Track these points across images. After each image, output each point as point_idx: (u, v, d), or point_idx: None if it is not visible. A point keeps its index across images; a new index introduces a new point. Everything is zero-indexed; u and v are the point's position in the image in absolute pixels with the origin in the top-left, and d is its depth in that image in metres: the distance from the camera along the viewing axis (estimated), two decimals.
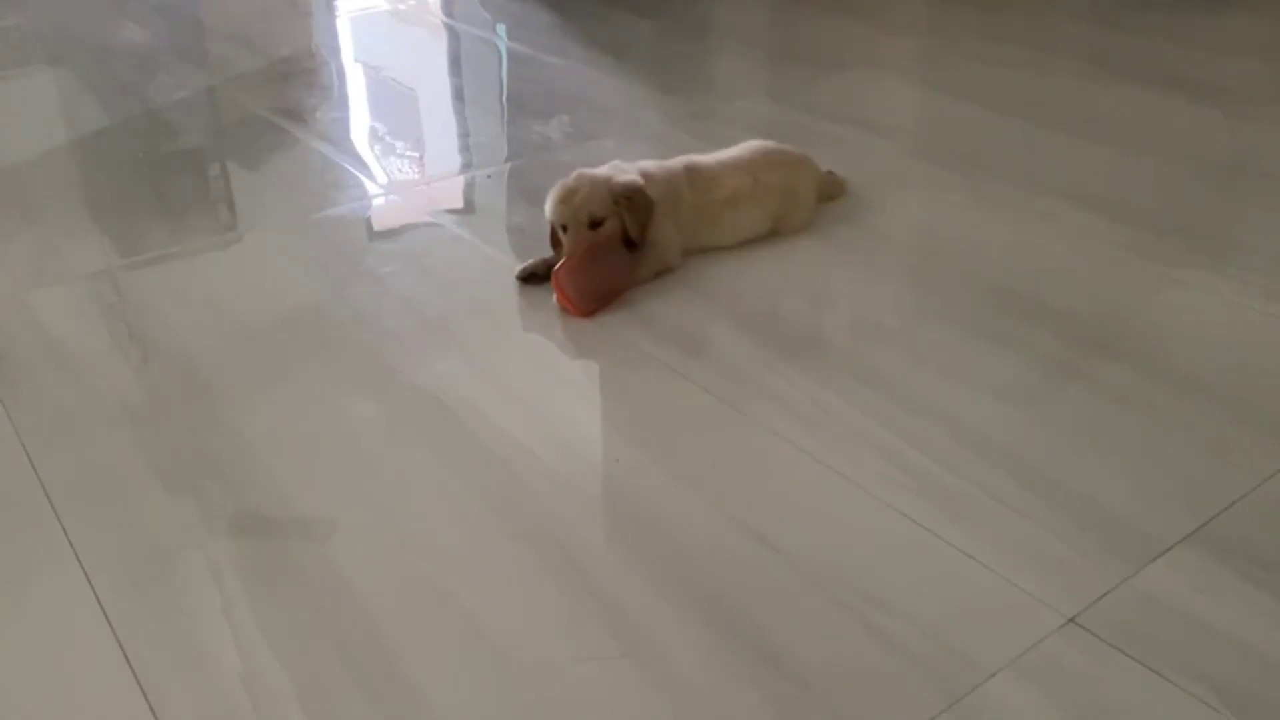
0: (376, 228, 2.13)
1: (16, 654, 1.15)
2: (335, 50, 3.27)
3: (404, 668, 1.11)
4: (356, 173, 2.34)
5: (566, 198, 1.74)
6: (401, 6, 3.64)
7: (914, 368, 1.58)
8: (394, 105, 2.86)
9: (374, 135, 2.55)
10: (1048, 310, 1.71)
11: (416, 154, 2.47)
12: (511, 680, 1.10)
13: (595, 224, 1.72)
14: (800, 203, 1.96)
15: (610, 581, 1.21)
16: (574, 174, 1.78)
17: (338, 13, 3.61)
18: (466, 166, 2.40)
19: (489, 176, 2.32)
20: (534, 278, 1.80)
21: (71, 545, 1.29)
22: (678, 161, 1.91)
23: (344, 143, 2.49)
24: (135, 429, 1.51)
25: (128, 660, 1.13)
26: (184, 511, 1.35)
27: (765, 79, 2.91)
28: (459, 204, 2.24)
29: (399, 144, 2.49)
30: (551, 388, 1.59)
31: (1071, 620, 1.14)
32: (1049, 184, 2.13)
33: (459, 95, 2.90)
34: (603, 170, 1.81)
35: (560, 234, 1.77)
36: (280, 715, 1.07)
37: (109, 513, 1.35)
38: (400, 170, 2.36)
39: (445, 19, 3.50)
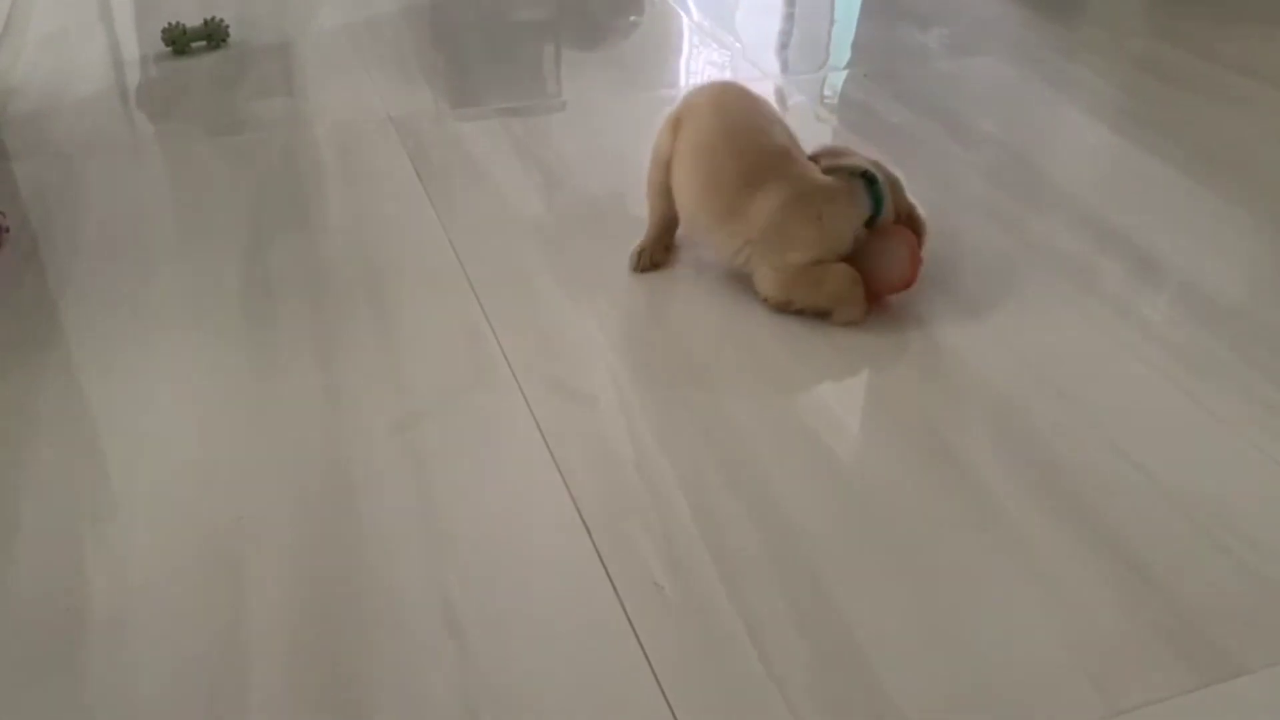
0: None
1: (452, 408, 1.34)
2: None
3: (775, 492, 1.21)
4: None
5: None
6: None
7: None
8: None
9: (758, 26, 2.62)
10: None
11: (783, 45, 2.52)
12: (879, 536, 1.17)
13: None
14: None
15: (980, 470, 1.25)
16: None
17: None
18: (839, 64, 2.43)
19: (865, 76, 2.34)
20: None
21: (494, 332, 1.47)
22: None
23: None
24: (542, 242, 1.69)
25: (544, 437, 1.29)
26: (583, 317, 1.50)
27: (1157, 17, 2.75)
28: (834, 99, 2.28)
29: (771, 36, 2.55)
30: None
31: None
32: None
33: None
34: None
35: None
36: (667, 497, 1.19)
37: (521, 308, 1.52)
38: (776, 61, 2.42)
39: None
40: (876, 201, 1.48)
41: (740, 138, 1.52)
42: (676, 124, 1.59)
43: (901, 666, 1.01)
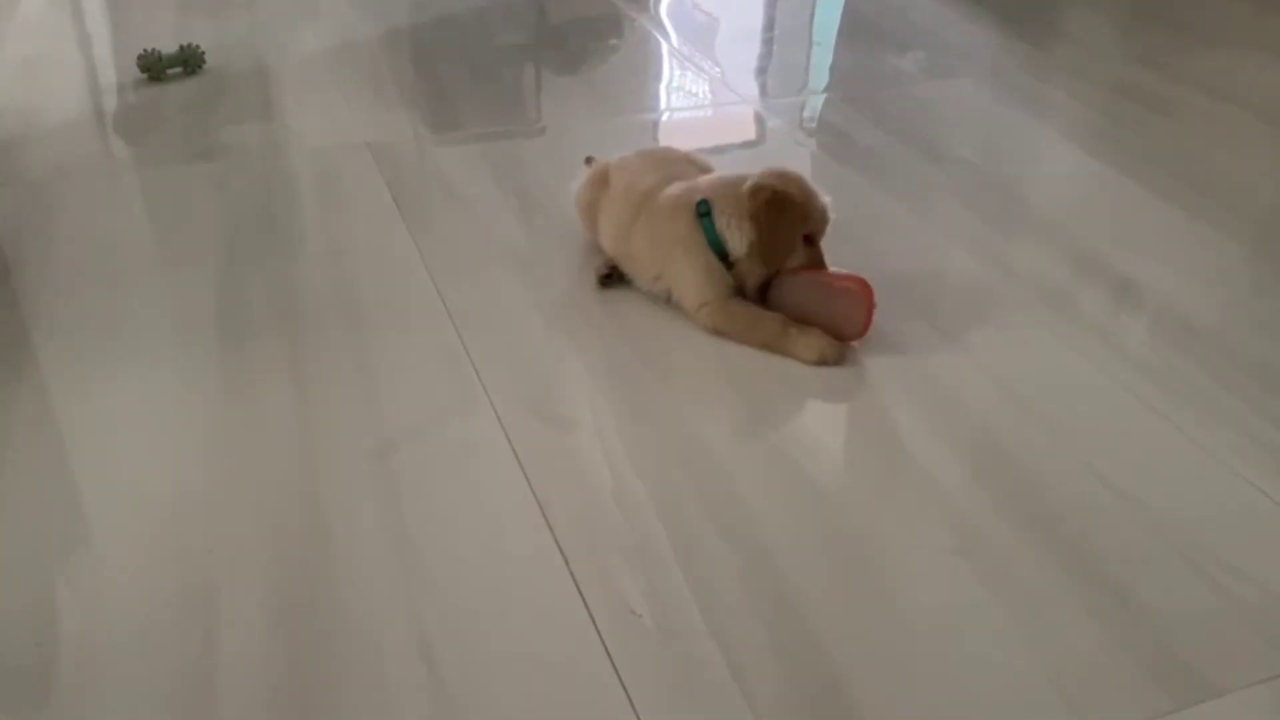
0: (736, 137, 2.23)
1: (427, 436, 1.33)
2: None
3: (752, 517, 1.21)
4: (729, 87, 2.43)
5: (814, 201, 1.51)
6: None
7: (1277, 350, 1.51)
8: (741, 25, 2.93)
9: (722, 49, 2.64)
10: None
11: (762, 69, 2.54)
12: (856, 560, 1.17)
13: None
14: None
15: (957, 494, 1.25)
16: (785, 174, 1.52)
17: None
18: (818, 88, 2.45)
19: (843, 100, 2.36)
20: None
21: (471, 359, 1.47)
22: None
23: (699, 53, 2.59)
24: (520, 267, 1.68)
25: (521, 465, 1.28)
26: (559, 342, 1.50)
27: (1131, 41, 2.78)
28: (812, 123, 2.29)
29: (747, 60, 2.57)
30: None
31: None
32: None
33: (812, 17, 2.94)
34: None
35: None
36: (644, 524, 1.19)
37: (498, 333, 1.52)
38: (755, 86, 2.44)
39: None
40: (708, 229, 1.51)
41: (628, 189, 1.62)
42: (603, 177, 1.68)
43: (878, 692, 1.00)
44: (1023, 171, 2.06)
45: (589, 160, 1.75)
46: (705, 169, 1.66)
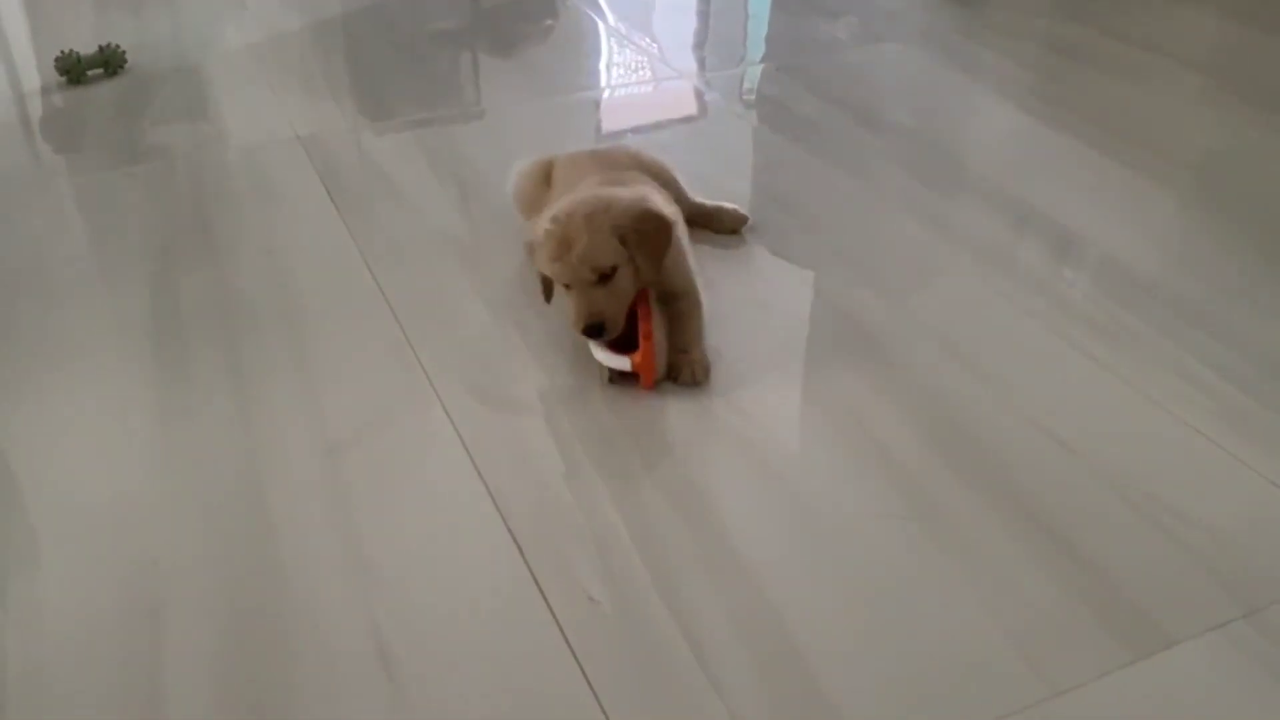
0: (675, 113, 2.21)
1: (374, 434, 1.31)
2: None
3: (707, 495, 1.20)
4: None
5: (560, 252, 1.33)
6: None
7: (1217, 296, 1.53)
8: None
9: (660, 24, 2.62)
10: None
11: (699, 43, 2.52)
12: (812, 533, 1.16)
13: (604, 276, 1.33)
14: None
15: (907, 459, 1.25)
16: (565, 209, 1.36)
17: None
18: (754, 59, 2.43)
19: (778, 69, 2.35)
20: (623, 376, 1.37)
21: (415, 352, 1.44)
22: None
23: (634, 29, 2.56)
24: (460, 256, 1.66)
25: (470, 456, 1.27)
26: (504, 330, 1.48)
27: None
28: (750, 94, 2.28)
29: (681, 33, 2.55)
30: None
31: None
32: None
33: None
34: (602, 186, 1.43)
35: (562, 290, 1.38)
36: (598, 509, 1.18)
37: (441, 325, 1.49)
38: (692, 60, 2.42)
39: None
40: None
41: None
42: (547, 174, 1.64)
43: (840, 665, 1.00)
44: (958, 132, 2.06)
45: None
46: (653, 169, 1.62)
